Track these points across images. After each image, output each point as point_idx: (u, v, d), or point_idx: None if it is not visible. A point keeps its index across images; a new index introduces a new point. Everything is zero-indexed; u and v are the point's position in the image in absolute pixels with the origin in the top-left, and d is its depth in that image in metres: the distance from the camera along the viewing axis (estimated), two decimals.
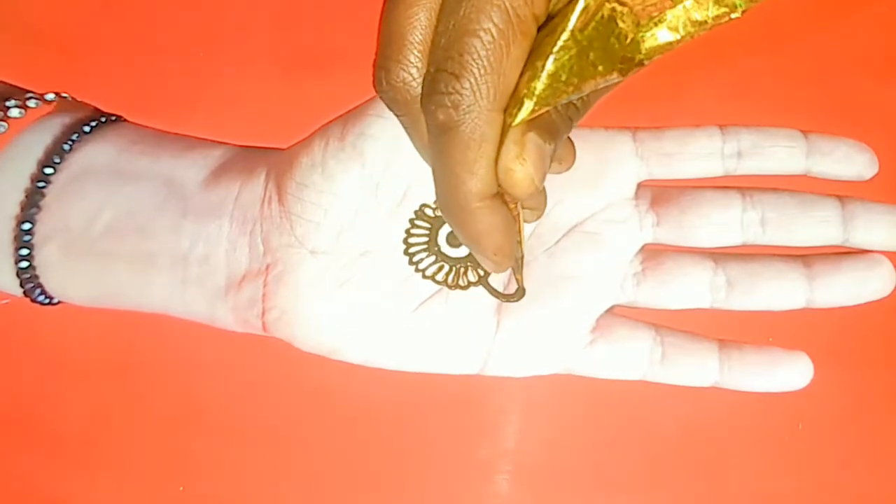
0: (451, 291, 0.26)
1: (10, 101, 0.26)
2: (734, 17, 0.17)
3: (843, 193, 0.26)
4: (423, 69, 0.19)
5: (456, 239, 0.26)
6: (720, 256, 0.26)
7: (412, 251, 0.25)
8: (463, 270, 0.26)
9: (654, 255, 0.27)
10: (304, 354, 0.26)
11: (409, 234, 0.25)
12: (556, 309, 0.26)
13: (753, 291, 0.26)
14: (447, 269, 0.26)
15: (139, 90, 0.30)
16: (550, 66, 0.18)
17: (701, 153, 0.26)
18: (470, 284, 0.26)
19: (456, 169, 0.19)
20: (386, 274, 0.25)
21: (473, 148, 0.18)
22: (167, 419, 0.29)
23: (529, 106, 0.18)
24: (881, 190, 0.26)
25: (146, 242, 0.25)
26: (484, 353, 0.26)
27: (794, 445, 0.29)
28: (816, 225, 0.26)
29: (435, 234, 0.26)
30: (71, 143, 0.26)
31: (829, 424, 0.29)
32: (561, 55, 0.18)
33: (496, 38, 0.17)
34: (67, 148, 0.26)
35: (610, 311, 0.26)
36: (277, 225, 0.25)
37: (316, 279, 0.25)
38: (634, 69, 0.18)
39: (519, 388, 0.29)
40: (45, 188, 0.25)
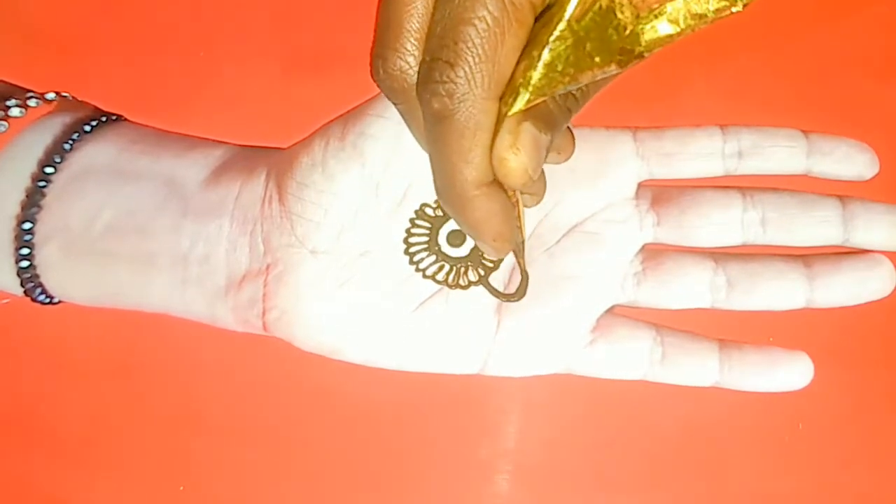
0: (451, 291, 0.26)
1: (10, 100, 0.26)
2: (735, 10, 0.17)
3: (843, 193, 0.26)
4: (419, 57, 0.19)
5: (456, 238, 0.26)
6: (720, 256, 0.26)
7: (412, 251, 0.25)
8: (463, 270, 0.26)
9: (654, 254, 0.27)
10: (304, 354, 0.26)
11: (409, 233, 0.25)
12: (556, 309, 0.26)
13: (753, 291, 0.26)
14: (447, 268, 0.26)
15: (139, 90, 0.30)
16: (546, 55, 0.17)
17: (701, 153, 0.26)
18: (470, 284, 0.26)
19: (452, 157, 0.18)
20: (386, 274, 0.25)
21: (468, 136, 0.18)
22: (167, 419, 0.29)
23: (525, 96, 0.18)
24: (881, 190, 0.26)
25: (146, 242, 0.25)
26: (484, 353, 0.26)
27: (794, 445, 0.29)
28: (817, 225, 0.26)
29: (435, 233, 0.26)
30: (71, 142, 0.26)
31: (829, 424, 0.29)
32: (557, 45, 0.17)
33: (491, 26, 0.17)
34: (68, 147, 0.26)
35: (610, 311, 0.26)
36: (278, 225, 0.25)
37: (316, 279, 0.25)
38: (634, 61, 0.18)
39: (519, 388, 0.29)
40: (45, 188, 0.25)
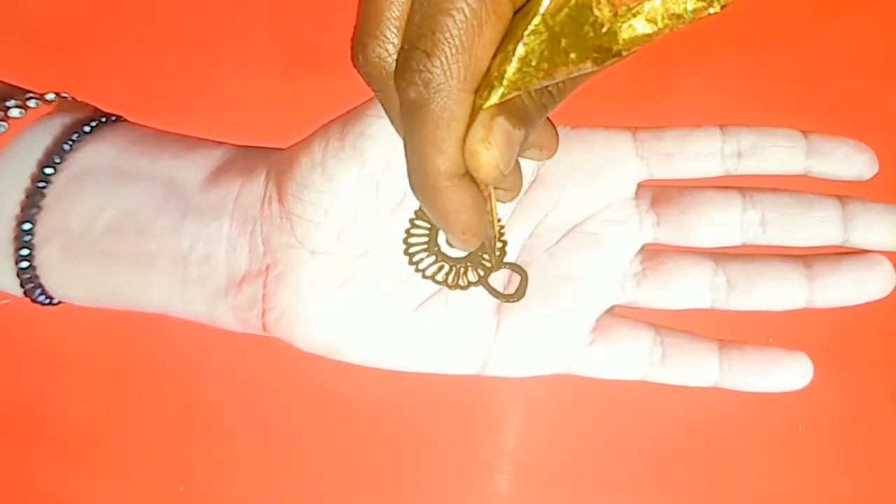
0: (451, 291, 0.26)
1: (10, 101, 0.26)
2: (712, 11, 0.17)
3: (843, 193, 0.26)
4: (399, 45, 0.19)
5: None
6: (720, 256, 0.26)
7: (412, 251, 0.25)
8: (463, 270, 0.26)
9: (654, 255, 0.27)
10: (304, 354, 0.26)
11: (409, 234, 0.25)
12: (556, 309, 0.26)
13: (753, 291, 0.26)
14: (447, 269, 0.26)
15: (139, 90, 0.30)
16: (521, 49, 0.17)
17: (701, 153, 0.26)
18: (470, 284, 0.26)
19: (426, 147, 0.18)
20: (386, 274, 0.25)
21: (442, 127, 0.18)
22: (167, 419, 0.29)
23: (500, 89, 0.18)
24: (881, 190, 0.26)
25: (146, 242, 0.25)
26: (484, 353, 0.26)
27: (794, 445, 0.29)
28: (816, 225, 0.26)
29: (435, 234, 0.26)
30: (71, 143, 0.26)
31: (829, 424, 0.29)
32: (531, 39, 0.17)
33: (469, 17, 0.17)
34: (67, 148, 0.26)
35: (610, 311, 0.26)
36: (277, 225, 0.25)
37: (316, 279, 0.25)
38: (611, 60, 0.18)
39: (519, 388, 0.29)
40: (45, 188, 0.25)
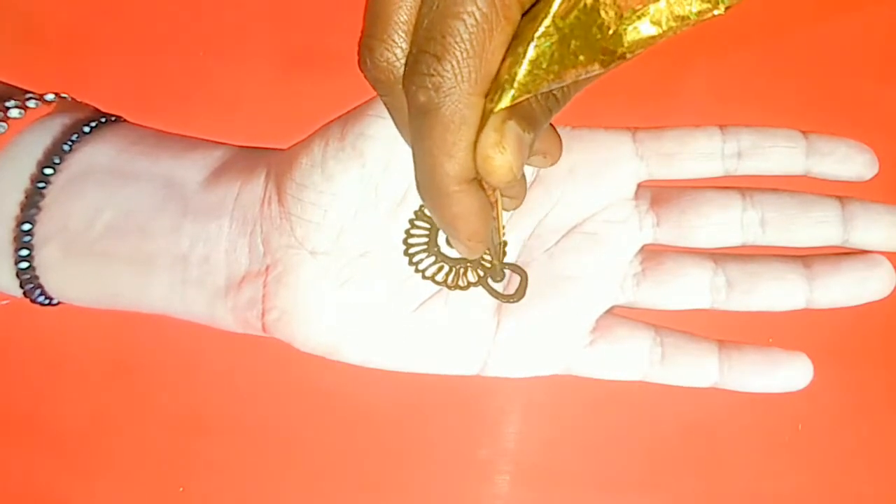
0: (451, 292, 0.26)
1: (9, 101, 0.26)
2: (717, 13, 0.17)
3: (843, 194, 0.26)
4: (407, 49, 0.19)
5: None
6: (720, 257, 0.26)
7: (412, 251, 0.25)
8: (463, 271, 0.26)
9: (653, 255, 0.27)
10: (304, 355, 0.26)
11: (408, 234, 0.25)
12: (555, 309, 0.26)
13: (753, 292, 0.26)
14: (447, 269, 0.26)
15: (139, 90, 0.30)
16: (532, 52, 0.17)
17: (701, 153, 0.26)
18: (470, 285, 0.26)
19: (434, 151, 0.18)
20: (386, 274, 0.25)
21: (453, 131, 0.18)
22: (167, 419, 0.29)
23: (511, 92, 0.18)
24: (881, 190, 0.26)
25: (146, 243, 0.25)
26: (484, 353, 0.26)
27: (794, 445, 0.29)
28: (816, 225, 0.26)
29: (435, 234, 0.26)
30: (70, 143, 0.26)
31: (829, 424, 0.29)
32: (542, 42, 0.17)
33: (479, 21, 0.17)
34: (67, 148, 0.26)
35: (610, 311, 0.26)
36: (277, 225, 0.25)
37: (316, 280, 0.25)
38: (616, 62, 0.18)
39: (519, 388, 0.29)
40: (44, 189, 0.25)
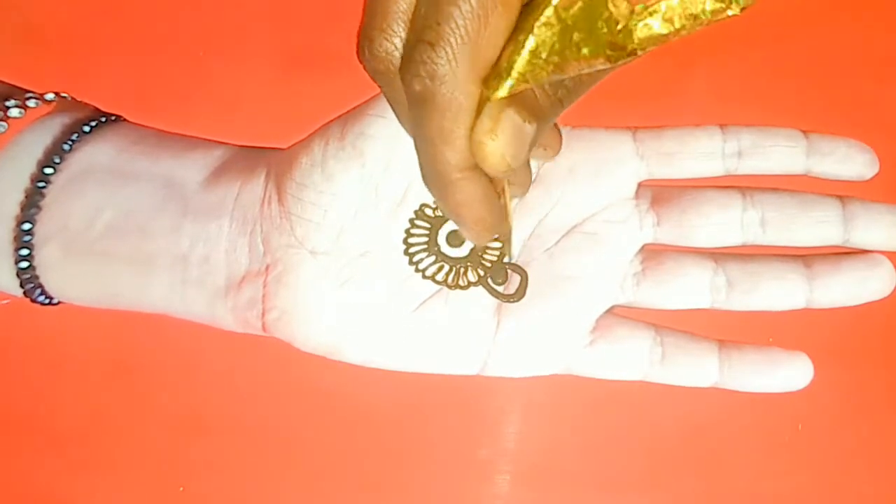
0: (450, 292, 0.26)
1: (9, 101, 0.26)
2: (731, 13, 0.17)
3: (843, 193, 0.26)
4: (405, 39, 0.19)
5: (456, 239, 0.26)
6: (720, 256, 0.26)
7: (412, 251, 0.25)
8: (463, 270, 0.26)
9: (654, 255, 0.27)
10: (304, 355, 0.26)
11: (408, 234, 0.25)
12: (556, 309, 0.26)
13: (753, 291, 0.26)
14: (447, 269, 0.26)
15: (139, 90, 0.30)
16: (531, 42, 0.17)
17: (701, 153, 0.26)
18: (470, 284, 0.26)
19: (434, 140, 0.18)
20: (386, 274, 0.25)
21: (450, 119, 0.18)
22: (167, 419, 0.29)
23: (508, 81, 0.17)
24: (881, 190, 0.26)
25: (146, 242, 0.25)
26: (484, 353, 0.26)
27: (794, 445, 0.29)
28: (816, 225, 0.26)
29: (435, 234, 0.26)
30: (71, 143, 0.26)
31: (829, 424, 0.29)
32: (542, 31, 0.17)
33: (475, 7, 0.17)
34: (67, 148, 0.26)
35: (610, 311, 0.26)
36: (277, 225, 0.25)
37: (316, 279, 0.25)
38: (626, 58, 0.18)
39: (519, 388, 0.29)
40: (44, 188, 0.25)
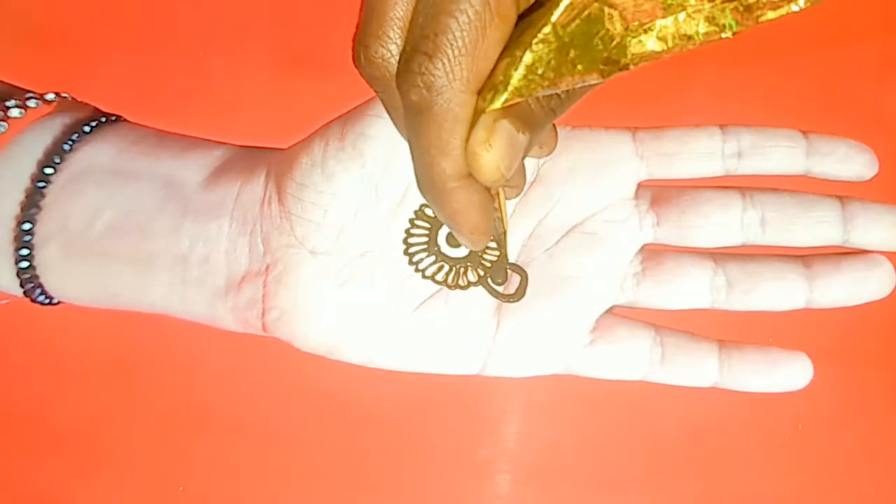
0: (450, 292, 0.26)
1: (10, 101, 0.26)
2: (724, 36, 0.17)
3: (843, 193, 0.26)
4: (402, 46, 0.19)
5: (455, 239, 0.26)
6: (720, 256, 0.26)
7: (412, 251, 0.25)
8: (463, 270, 0.26)
9: (654, 255, 0.27)
10: (304, 354, 0.26)
11: (408, 234, 0.25)
12: (555, 309, 0.26)
13: (753, 291, 0.26)
14: (447, 269, 0.26)
15: (139, 90, 0.30)
16: (528, 57, 0.17)
17: (701, 153, 0.26)
18: (470, 284, 0.26)
19: (430, 149, 0.18)
20: (386, 274, 0.25)
21: (446, 129, 0.18)
22: (167, 419, 0.29)
23: (503, 95, 0.18)
24: (881, 190, 0.26)
25: (146, 242, 0.25)
26: (484, 353, 0.26)
27: (794, 445, 0.29)
28: (816, 225, 0.26)
29: (435, 234, 0.26)
30: (71, 143, 0.26)
31: (829, 424, 0.29)
32: (540, 48, 0.17)
33: (472, 19, 0.17)
34: (67, 148, 0.26)
35: (610, 311, 0.26)
36: (277, 225, 0.25)
37: (316, 279, 0.25)
38: (617, 72, 0.18)
39: (519, 388, 0.29)
40: (45, 188, 0.25)
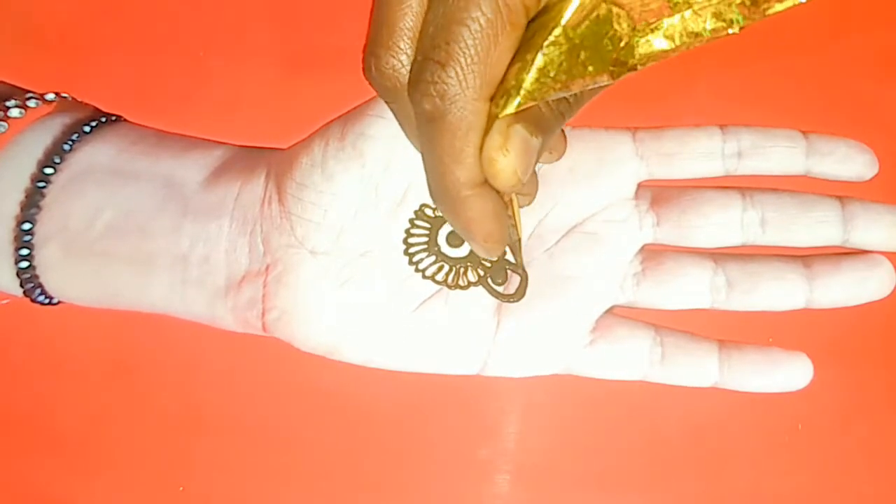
0: (450, 292, 0.26)
1: (10, 101, 0.26)
2: (731, 32, 0.17)
3: (842, 194, 0.26)
4: (412, 56, 0.19)
5: (456, 239, 0.26)
6: (720, 256, 0.26)
7: (412, 251, 0.25)
8: (463, 270, 0.26)
9: (654, 255, 0.27)
10: (304, 354, 0.26)
11: (408, 234, 0.25)
12: (556, 309, 0.26)
13: (753, 291, 0.26)
14: (447, 269, 0.26)
15: (139, 90, 0.30)
16: (540, 60, 0.17)
17: (701, 153, 0.26)
18: (470, 284, 0.26)
19: (444, 158, 0.18)
20: (386, 274, 0.25)
21: (460, 137, 0.18)
22: (167, 419, 0.29)
23: (517, 99, 0.18)
24: (881, 190, 0.26)
25: (146, 242, 0.25)
26: (484, 353, 0.26)
27: (794, 445, 0.29)
28: (816, 225, 0.26)
29: (435, 234, 0.26)
30: (71, 143, 0.26)
31: (829, 424, 0.29)
32: (551, 50, 0.17)
33: (484, 27, 0.17)
34: (67, 148, 0.26)
35: (610, 311, 0.26)
36: (277, 225, 0.25)
37: (316, 279, 0.25)
38: (626, 73, 0.18)
39: (519, 388, 0.29)
40: (45, 188, 0.25)
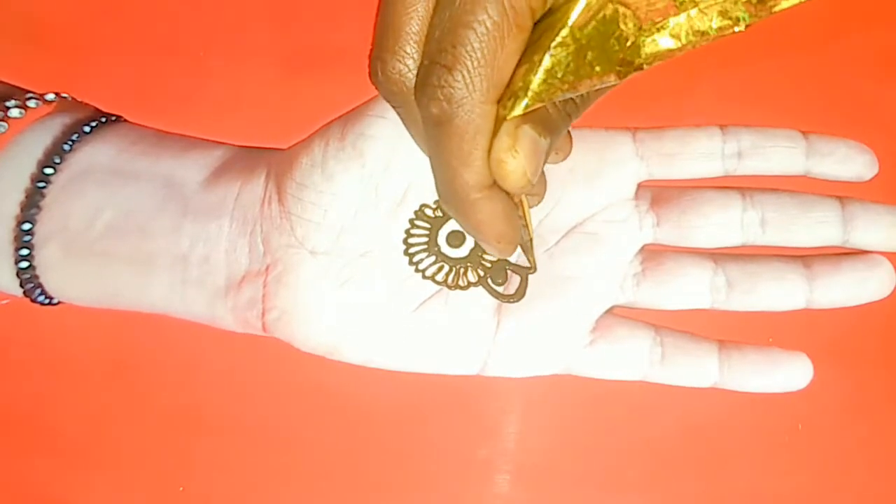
0: (450, 292, 0.26)
1: (10, 101, 0.26)
2: (738, 30, 0.17)
3: (842, 194, 0.26)
4: (419, 60, 0.19)
5: (456, 239, 0.26)
6: (720, 257, 0.26)
7: (412, 251, 0.25)
8: (463, 271, 0.26)
9: (654, 255, 0.27)
10: (304, 354, 0.26)
11: (408, 234, 0.25)
12: (556, 309, 0.26)
13: (753, 292, 0.26)
14: (447, 269, 0.26)
15: (139, 90, 0.30)
16: (547, 61, 0.17)
17: (701, 153, 0.26)
18: (470, 285, 0.26)
19: (452, 161, 0.18)
20: (386, 274, 0.25)
21: (468, 140, 0.18)
22: (167, 419, 0.29)
23: (524, 100, 0.18)
24: (881, 190, 0.26)
25: (146, 243, 0.25)
26: (484, 353, 0.26)
27: (794, 445, 0.29)
28: (816, 225, 0.26)
29: (435, 234, 0.26)
30: (71, 143, 0.26)
31: (829, 424, 0.29)
32: (559, 51, 0.17)
33: (490, 30, 0.17)
34: (67, 148, 0.26)
35: (610, 311, 0.26)
36: (277, 225, 0.25)
37: (316, 279, 0.25)
38: (633, 73, 0.18)
39: (519, 388, 0.29)
40: (45, 188, 0.25)
